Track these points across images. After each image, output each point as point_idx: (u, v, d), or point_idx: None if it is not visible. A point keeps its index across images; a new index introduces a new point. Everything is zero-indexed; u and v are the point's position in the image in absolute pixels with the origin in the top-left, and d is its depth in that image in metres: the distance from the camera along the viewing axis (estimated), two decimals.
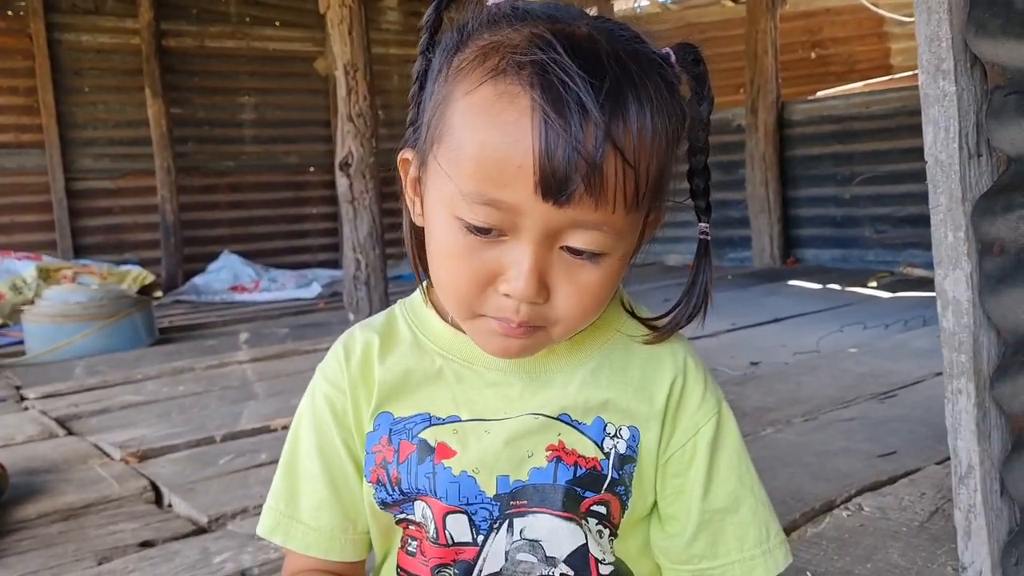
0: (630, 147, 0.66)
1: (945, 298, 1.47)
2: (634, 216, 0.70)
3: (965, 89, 1.42)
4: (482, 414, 0.80)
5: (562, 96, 0.63)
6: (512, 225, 0.68)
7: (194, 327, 5.51)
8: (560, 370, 0.81)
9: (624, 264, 0.74)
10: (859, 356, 3.42)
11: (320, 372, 0.87)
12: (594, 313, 0.75)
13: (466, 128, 0.68)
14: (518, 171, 0.65)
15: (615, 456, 0.80)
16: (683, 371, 0.83)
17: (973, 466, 1.45)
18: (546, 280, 0.70)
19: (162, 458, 2.60)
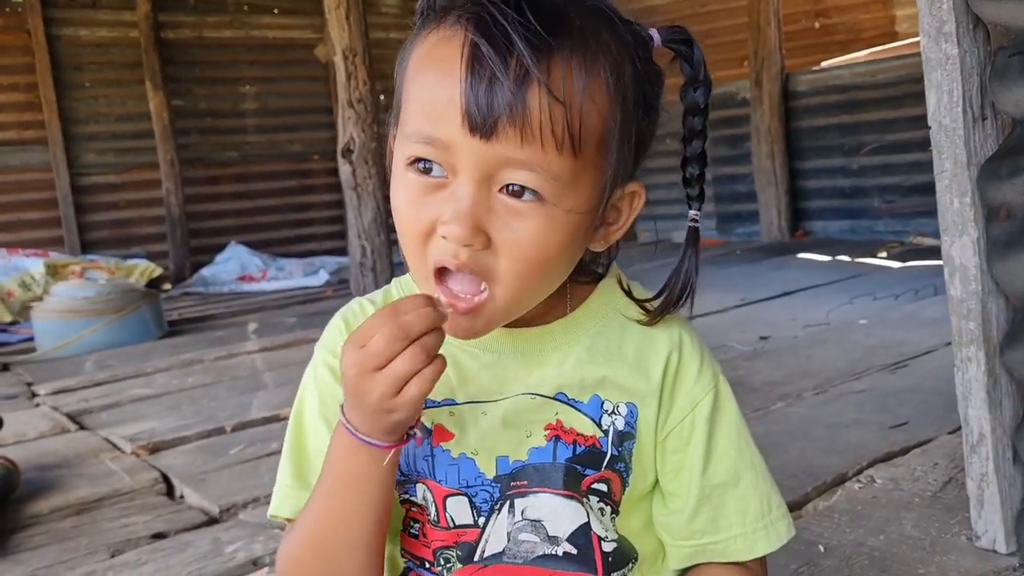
0: (557, 83, 0.66)
1: (952, 265, 1.44)
2: (574, 164, 0.68)
3: (968, 51, 1.39)
4: (477, 396, 0.79)
5: (492, 32, 0.65)
6: (450, 165, 0.68)
7: (203, 319, 5.52)
8: (555, 349, 0.80)
9: (576, 222, 0.71)
10: (869, 328, 3.40)
11: (320, 345, 0.86)
12: (539, 272, 0.71)
13: (413, 78, 0.71)
14: (448, 105, 0.66)
15: (614, 433, 0.79)
16: (678, 345, 0.81)
17: (985, 434, 1.44)
18: (483, 225, 0.68)
19: (173, 450, 2.61)
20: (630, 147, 0.73)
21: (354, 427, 0.71)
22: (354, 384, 0.68)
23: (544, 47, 0.65)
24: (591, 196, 0.71)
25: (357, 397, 0.69)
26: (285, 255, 7.80)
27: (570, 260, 0.75)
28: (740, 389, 2.67)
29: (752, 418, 2.36)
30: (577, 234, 0.72)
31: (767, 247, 6.48)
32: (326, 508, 0.76)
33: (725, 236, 7.36)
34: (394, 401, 0.68)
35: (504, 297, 0.71)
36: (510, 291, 0.71)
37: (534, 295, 0.74)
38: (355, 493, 0.74)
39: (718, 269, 5.60)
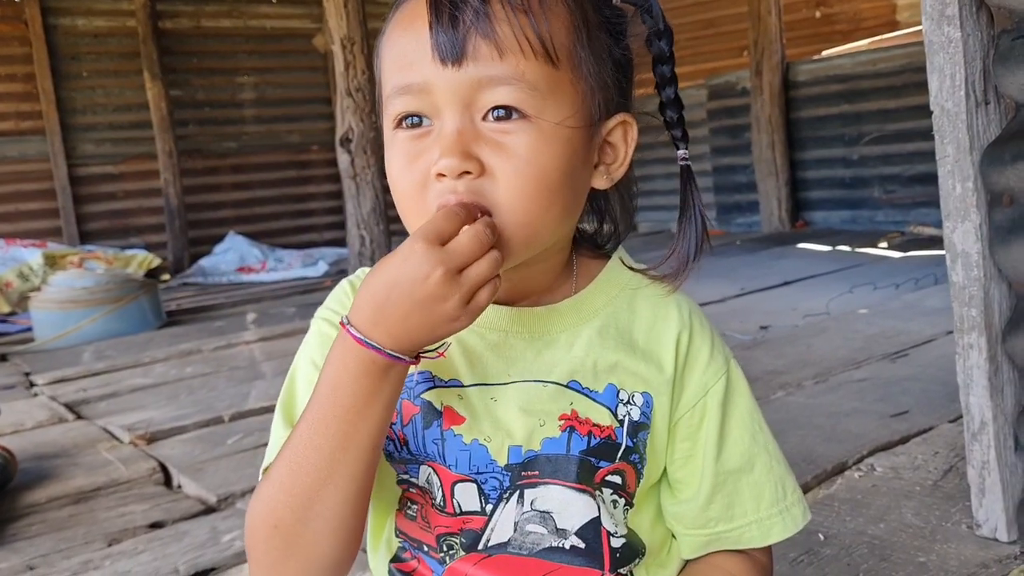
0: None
1: (954, 251, 1.43)
2: (549, 72, 0.69)
3: (971, 34, 1.37)
4: (484, 378, 0.77)
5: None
6: (432, 107, 0.70)
7: (201, 309, 5.51)
8: (564, 329, 0.78)
9: (568, 137, 0.70)
10: (870, 317, 3.39)
11: (323, 308, 0.83)
12: (543, 192, 0.69)
13: (387, 49, 0.74)
14: (417, 48, 0.69)
15: (629, 423, 0.77)
16: (688, 326, 0.80)
17: (986, 422, 1.42)
18: (473, 150, 0.68)
19: (171, 439, 2.60)
20: (605, 71, 0.73)
21: (378, 342, 0.66)
22: (435, 287, 0.64)
23: None
24: (575, 110, 0.71)
25: (430, 302, 0.65)
26: (284, 246, 7.79)
27: (574, 189, 0.73)
28: None
29: None
30: (573, 152, 0.71)
31: (767, 237, 6.46)
32: (319, 436, 0.69)
33: (725, 226, 7.34)
34: (465, 308, 0.65)
35: (513, 223, 0.69)
36: (517, 216, 0.69)
37: (545, 226, 0.71)
38: (358, 417, 0.68)
39: (718, 259, 5.58)
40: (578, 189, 0.74)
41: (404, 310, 0.65)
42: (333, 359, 0.69)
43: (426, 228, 0.65)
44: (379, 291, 0.66)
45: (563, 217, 0.73)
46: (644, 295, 0.81)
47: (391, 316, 0.66)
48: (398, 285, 0.65)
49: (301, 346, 0.83)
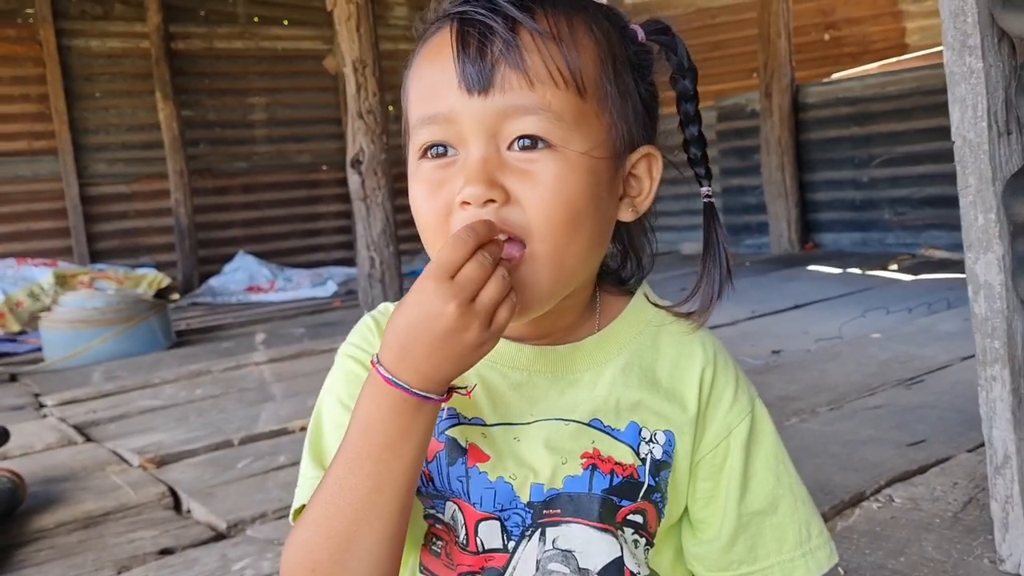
0: (546, 25, 0.69)
1: (976, 282, 1.42)
2: (578, 103, 0.69)
3: (993, 65, 1.36)
4: (507, 418, 0.77)
5: (477, 11, 0.69)
6: (457, 136, 0.70)
7: (211, 329, 5.51)
8: (588, 368, 0.78)
9: (593, 167, 0.70)
10: (883, 341, 3.36)
11: (346, 344, 0.83)
12: (571, 222, 0.69)
13: (413, 82, 0.74)
14: (443, 78, 0.69)
15: (651, 462, 0.76)
16: (712, 363, 0.80)
17: (1010, 455, 1.41)
18: (498, 179, 0.68)
19: (180, 463, 2.59)
20: (630, 104, 0.74)
21: (406, 381, 0.66)
22: (453, 321, 0.64)
23: (526, 5, 0.70)
24: (601, 141, 0.71)
25: (452, 336, 0.64)
26: (293, 265, 7.80)
27: (601, 219, 0.73)
28: None
29: None
30: (598, 183, 0.71)
31: (777, 259, 6.45)
32: (352, 480, 0.69)
33: (735, 247, 7.32)
34: (487, 332, 0.65)
35: (543, 253, 0.69)
36: (546, 244, 0.69)
37: (574, 257, 0.71)
38: (392, 456, 0.68)
39: None
40: (604, 220, 0.74)
41: (427, 347, 0.65)
42: (365, 399, 0.69)
43: (434, 265, 0.65)
44: (401, 331, 0.66)
45: (590, 247, 0.73)
46: (668, 332, 0.81)
47: (416, 354, 0.66)
48: (418, 324, 0.65)
49: (327, 382, 0.83)
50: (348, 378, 0.80)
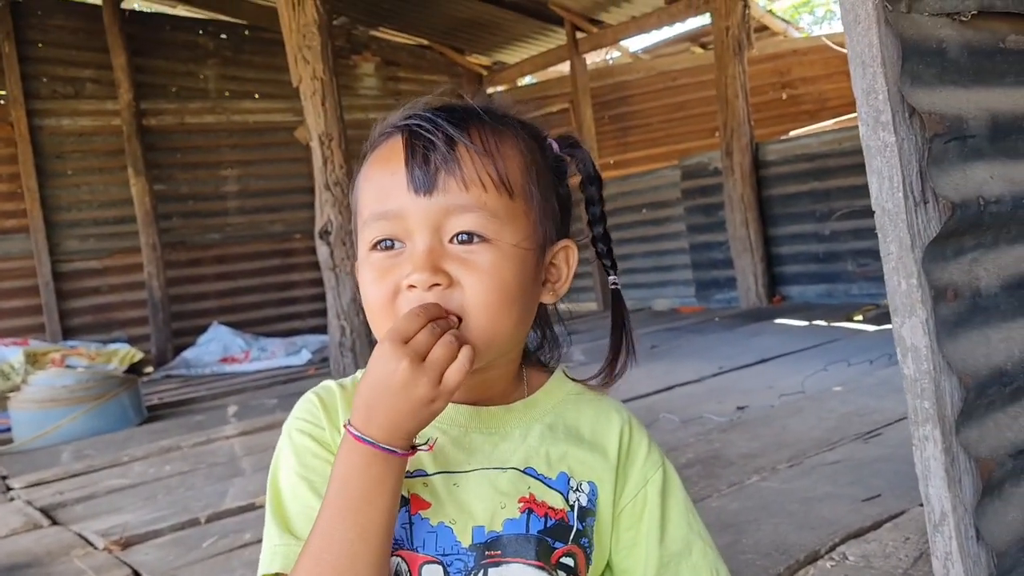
0: (479, 141, 0.81)
1: (904, 345, 1.47)
2: (508, 203, 0.81)
3: (905, 139, 1.44)
4: (446, 467, 0.84)
5: (422, 124, 0.81)
6: (405, 231, 0.80)
7: (183, 402, 5.48)
8: (518, 426, 0.87)
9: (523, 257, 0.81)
10: (844, 394, 3.42)
11: (291, 418, 0.89)
12: (504, 302, 0.80)
13: (365, 185, 0.85)
14: (394, 180, 0.80)
15: (578, 508, 0.85)
16: (628, 423, 0.91)
17: (946, 513, 1.44)
18: (442, 266, 0.78)
19: (145, 544, 2.58)
20: (551, 204, 0.87)
21: (373, 437, 0.75)
22: (404, 376, 0.73)
23: (461, 123, 0.82)
24: (528, 235, 0.83)
25: (404, 389, 0.73)
26: (268, 334, 7.80)
27: (527, 301, 0.84)
28: (716, 463, 2.68)
29: (727, 494, 2.36)
30: (526, 270, 0.82)
31: (745, 313, 6.53)
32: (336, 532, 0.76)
33: (704, 303, 7.42)
34: (437, 390, 0.74)
35: (479, 326, 0.78)
36: (482, 320, 0.79)
37: (504, 331, 0.81)
38: (369, 506, 0.76)
39: (697, 336, 5.63)
40: (530, 301, 0.85)
41: (387, 403, 0.74)
42: (340, 458, 0.77)
43: (391, 331, 0.74)
44: (365, 392, 0.76)
45: (519, 322, 0.84)
46: (586, 399, 0.92)
47: (379, 411, 0.75)
48: (378, 383, 0.75)
49: (278, 460, 0.88)
50: (298, 450, 0.86)
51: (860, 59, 1.45)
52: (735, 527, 2.09)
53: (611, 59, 10.32)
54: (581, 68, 8.25)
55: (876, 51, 1.42)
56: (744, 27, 6.65)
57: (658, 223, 7.83)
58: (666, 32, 9.38)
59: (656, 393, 3.88)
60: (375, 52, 9.01)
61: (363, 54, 8.86)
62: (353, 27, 8.75)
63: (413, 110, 0.85)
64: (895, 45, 1.42)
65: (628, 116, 9.17)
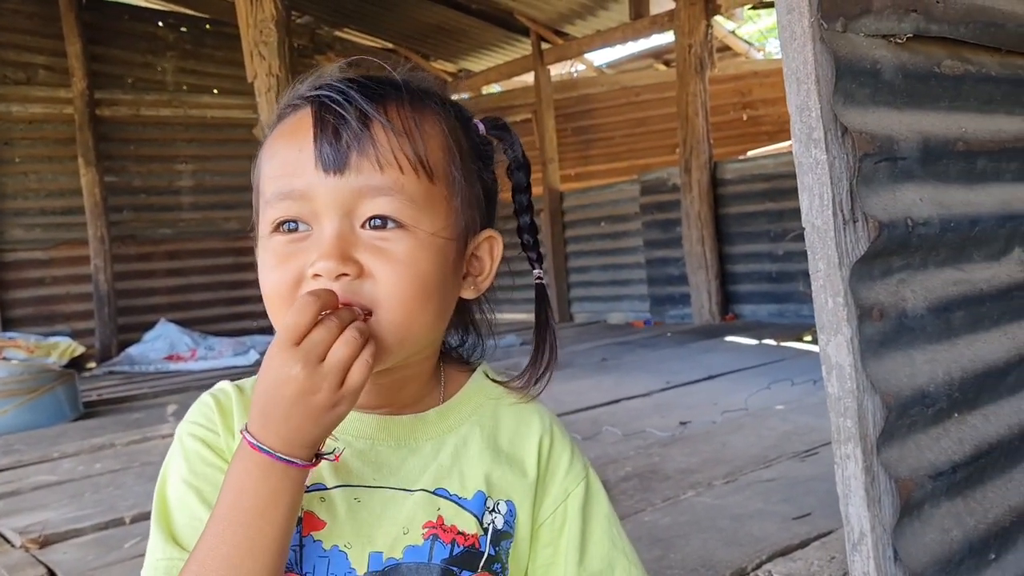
0: (397, 118, 0.74)
1: (829, 363, 1.47)
2: (427, 187, 0.74)
3: (836, 157, 1.44)
4: (348, 480, 0.78)
5: (334, 96, 0.73)
6: (312, 213, 0.72)
7: (123, 400, 5.36)
8: (430, 438, 0.81)
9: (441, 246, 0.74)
10: (785, 413, 3.44)
11: (184, 421, 0.82)
12: (419, 295, 0.73)
13: (268, 159, 0.77)
14: (300, 155, 0.72)
15: (493, 531, 0.79)
16: (550, 431, 0.85)
17: (865, 532, 1.44)
18: (352, 255, 0.71)
19: (65, 543, 2.49)
20: (475, 191, 0.80)
21: (270, 446, 0.67)
22: (301, 383, 0.66)
23: (377, 97, 0.74)
24: (448, 223, 0.76)
25: (302, 397, 0.66)
26: (217, 333, 7.66)
27: (446, 295, 0.77)
28: (654, 477, 2.66)
29: (661, 508, 2.34)
30: (445, 261, 0.75)
31: (697, 330, 6.57)
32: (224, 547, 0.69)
33: (659, 318, 7.45)
34: (339, 393, 0.67)
35: (392, 321, 0.72)
36: (396, 314, 0.72)
37: (419, 327, 0.75)
38: (263, 521, 0.68)
39: (648, 352, 5.64)
40: (449, 296, 0.78)
41: (283, 411, 0.67)
42: (235, 466, 0.70)
43: (281, 331, 0.67)
44: (259, 399, 0.68)
45: (436, 319, 0.77)
46: (506, 404, 0.85)
47: (275, 419, 0.67)
48: (270, 390, 0.67)
49: (167, 466, 0.81)
50: (189, 456, 0.79)
51: (795, 76, 1.45)
52: (664, 542, 2.08)
53: (576, 72, 10.37)
54: (545, 79, 8.27)
55: (811, 68, 1.42)
56: (707, 46, 6.71)
57: (616, 237, 7.86)
58: (630, 47, 9.46)
59: (603, 406, 3.88)
60: (339, 53, 8.94)
61: (327, 54, 8.79)
62: (318, 26, 8.68)
63: (324, 79, 0.77)
64: (830, 63, 1.42)
65: (590, 129, 9.21)
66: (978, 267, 1.62)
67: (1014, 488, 1.64)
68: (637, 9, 7.51)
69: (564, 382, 4.49)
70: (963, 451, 1.53)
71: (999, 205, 1.66)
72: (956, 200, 1.58)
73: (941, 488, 1.52)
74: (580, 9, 7.92)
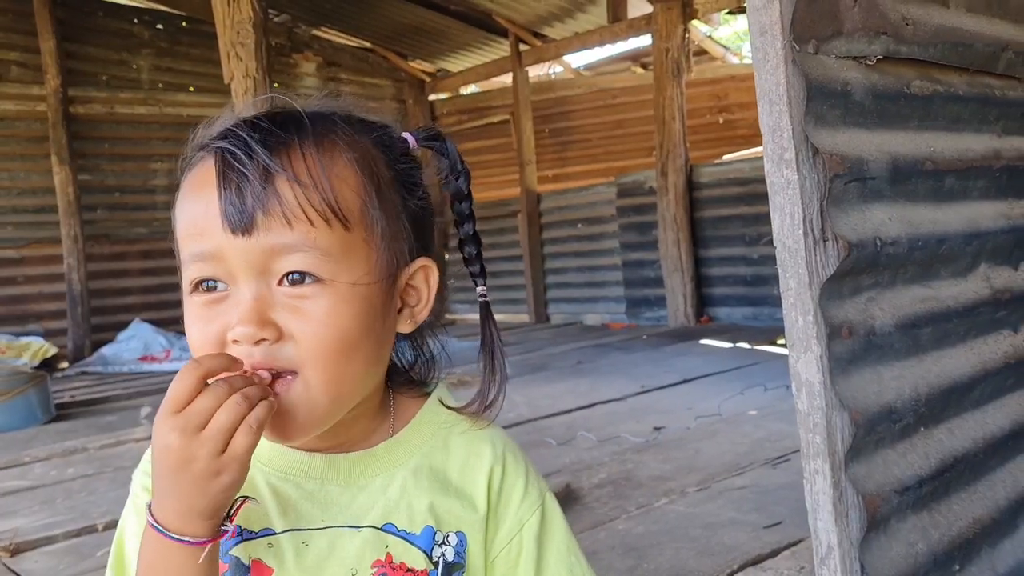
0: (303, 168, 0.70)
1: (799, 380, 1.49)
2: (343, 236, 0.71)
3: (807, 177, 1.47)
4: (297, 523, 0.77)
5: (235, 148, 0.70)
6: (227, 273, 0.70)
7: (96, 401, 5.31)
8: (379, 473, 0.79)
9: (365, 295, 0.72)
10: (759, 419, 3.47)
11: (138, 471, 0.82)
12: (343, 353, 0.71)
13: (179, 215, 0.74)
14: (207, 216, 0.70)
15: (443, 565, 0.77)
16: (502, 460, 0.82)
17: (832, 547, 1.47)
18: (270, 318, 0.69)
19: (36, 551, 2.48)
20: (401, 223, 0.76)
21: (165, 525, 0.67)
22: (178, 452, 0.64)
23: (280, 146, 0.71)
24: (369, 268, 0.73)
25: (182, 467, 0.65)
26: None
27: (377, 341, 0.74)
28: (628, 484, 2.69)
29: (634, 516, 2.37)
30: (371, 308, 0.73)
31: (673, 332, 6.61)
32: None
33: (635, 319, 7.49)
34: (221, 460, 0.65)
35: (315, 383, 0.70)
36: (318, 376, 0.70)
37: (349, 381, 0.73)
38: None
39: (623, 355, 5.68)
40: (381, 339, 0.76)
41: (169, 484, 0.66)
42: (144, 538, 0.69)
43: (163, 403, 0.66)
44: (154, 474, 0.67)
45: (366, 369, 0.75)
46: (459, 432, 0.83)
47: (165, 494, 0.67)
48: (157, 463, 0.66)
49: (124, 519, 0.81)
50: (139, 511, 0.78)
51: (767, 97, 1.47)
52: (638, 551, 2.10)
53: (553, 73, 10.39)
54: (523, 81, 8.28)
55: (783, 90, 1.44)
56: (683, 50, 6.75)
57: (593, 239, 7.89)
58: (608, 50, 9.49)
59: (578, 410, 3.90)
60: (317, 52, 8.90)
61: (304, 53, 8.75)
62: (295, 25, 8.63)
63: (227, 123, 0.74)
64: (801, 85, 1.44)
65: (568, 131, 9.23)
66: (945, 284, 1.65)
67: (978, 500, 1.68)
68: (615, 12, 7.54)
69: (540, 385, 4.51)
70: (929, 465, 1.57)
71: (966, 223, 1.69)
72: (924, 219, 1.61)
73: (907, 502, 1.55)
74: (558, 11, 7.94)
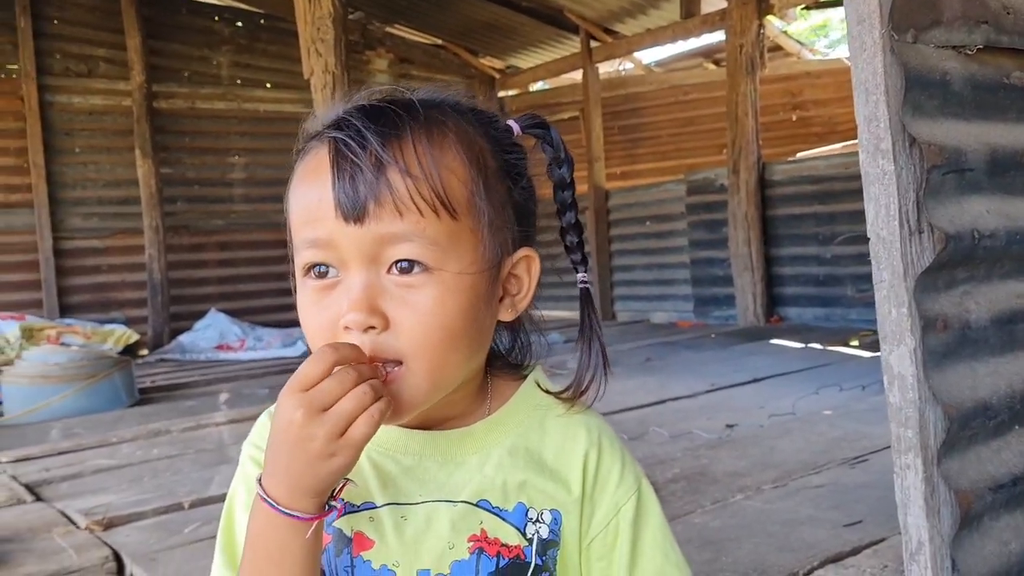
0: (413, 159, 0.72)
1: (891, 373, 1.48)
2: (448, 227, 0.72)
3: (904, 168, 1.45)
4: (396, 498, 0.79)
5: (349, 136, 0.72)
6: (340, 261, 0.73)
7: (176, 387, 5.49)
8: (476, 451, 0.81)
9: (470, 284, 0.73)
10: (834, 419, 3.42)
11: (247, 442, 0.85)
12: (447, 340, 0.73)
13: (293, 200, 0.77)
14: (321, 204, 0.72)
15: (538, 542, 0.78)
16: (597, 445, 0.83)
17: (923, 542, 1.45)
18: (379, 306, 0.71)
19: (127, 526, 2.58)
20: (506, 213, 0.78)
21: (275, 499, 0.69)
22: (299, 428, 0.66)
23: (392, 135, 0.72)
24: (475, 257, 0.74)
25: (299, 444, 0.67)
26: (266, 324, 7.80)
27: (479, 329, 0.76)
28: (702, 480, 2.68)
29: (710, 511, 2.36)
30: (476, 297, 0.74)
31: (742, 331, 6.53)
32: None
33: (703, 318, 7.42)
34: (337, 443, 0.67)
35: (420, 370, 0.72)
36: (423, 365, 0.72)
37: (452, 368, 0.75)
38: (278, 569, 0.70)
39: (692, 353, 5.63)
40: (483, 327, 0.77)
41: (285, 459, 0.68)
42: (253, 512, 0.71)
43: (292, 377, 0.68)
44: (269, 446, 0.70)
45: (469, 356, 0.77)
46: (555, 415, 0.84)
47: (279, 467, 0.69)
48: (276, 435, 0.69)
49: (233, 491, 0.84)
50: (249, 482, 0.80)
51: (864, 86, 1.46)
52: (715, 544, 2.09)
53: (624, 70, 10.34)
54: (594, 77, 8.27)
55: (880, 79, 1.42)
56: (758, 46, 6.66)
57: (661, 236, 7.84)
58: (680, 46, 9.41)
59: (649, 406, 3.89)
60: (389, 48, 9.03)
61: (377, 50, 8.88)
62: (369, 22, 8.76)
63: (341, 113, 0.76)
64: (899, 74, 1.42)
65: (638, 128, 9.19)
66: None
67: None
68: (688, 8, 7.47)
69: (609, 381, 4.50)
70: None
71: None
72: (1023, 212, 1.57)
73: (1001, 500, 1.52)
74: (630, 7, 7.90)
